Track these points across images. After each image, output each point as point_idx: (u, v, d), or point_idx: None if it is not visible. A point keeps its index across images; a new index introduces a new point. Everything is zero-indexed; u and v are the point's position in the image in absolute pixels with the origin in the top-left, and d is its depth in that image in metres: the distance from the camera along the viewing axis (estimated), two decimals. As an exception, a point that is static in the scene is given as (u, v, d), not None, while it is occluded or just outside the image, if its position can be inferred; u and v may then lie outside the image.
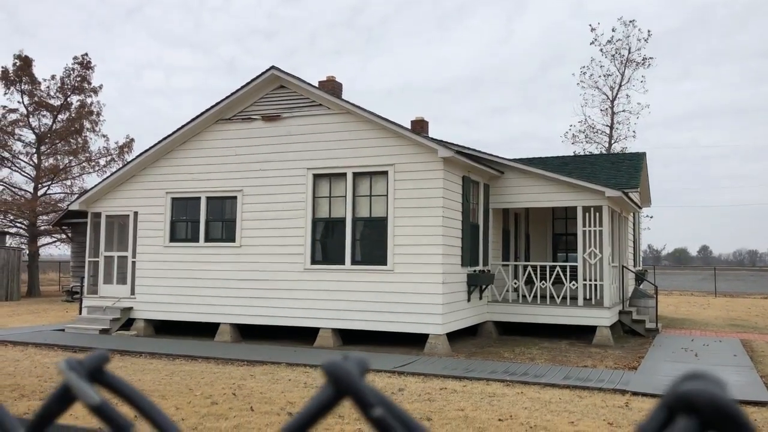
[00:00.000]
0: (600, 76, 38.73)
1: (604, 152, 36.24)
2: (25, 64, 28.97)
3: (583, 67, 38.37)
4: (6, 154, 29.26)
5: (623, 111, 37.92)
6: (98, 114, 30.73)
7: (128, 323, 15.46)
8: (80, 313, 16.19)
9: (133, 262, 15.62)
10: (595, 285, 14.87)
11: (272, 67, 14.18)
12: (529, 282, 16.52)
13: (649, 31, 37.06)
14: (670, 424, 0.34)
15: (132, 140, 31.57)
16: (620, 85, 37.69)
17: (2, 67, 28.87)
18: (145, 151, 15.35)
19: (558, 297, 15.01)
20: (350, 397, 0.36)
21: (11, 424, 0.40)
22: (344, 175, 13.51)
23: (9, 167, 29.59)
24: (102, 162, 30.94)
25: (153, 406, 0.38)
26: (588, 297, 15.16)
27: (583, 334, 14.91)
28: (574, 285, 14.85)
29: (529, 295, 15.53)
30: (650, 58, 37.20)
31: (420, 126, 18.55)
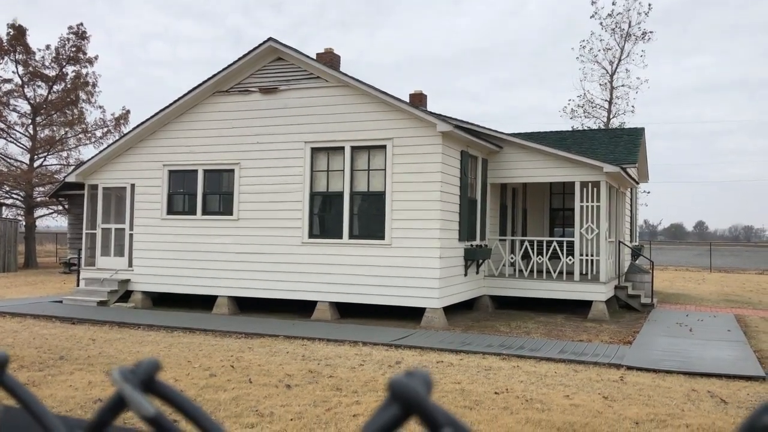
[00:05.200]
0: (600, 50, 38.57)
1: (603, 127, 36.16)
2: (19, 33, 28.63)
3: (583, 40, 38.16)
4: (1, 125, 29.06)
5: (622, 86, 37.77)
6: (94, 85, 30.48)
7: (126, 295, 15.50)
8: (78, 285, 16.22)
9: (131, 235, 15.62)
10: (592, 260, 14.93)
11: (270, 39, 14.04)
12: (526, 257, 16.58)
13: (650, 5, 36.74)
14: None
15: (128, 112, 31.37)
16: (620, 60, 37.49)
17: (-4, 37, 28.55)
18: (142, 123, 15.26)
19: (554, 272, 15.08)
20: (418, 416, 0.35)
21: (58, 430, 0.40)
22: (342, 148, 13.46)
23: (4, 138, 29.42)
24: (98, 133, 30.79)
25: (205, 416, 0.38)
26: (584, 272, 15.23)
27: (579, 308, 15.02)
28: (570, 260, 14.92)
29: (526, 270, 15.60)
30: (650, 32, 36.96)
31: (419, 99, 18.44)
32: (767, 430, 0.32)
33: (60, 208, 29.86)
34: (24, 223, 30.09)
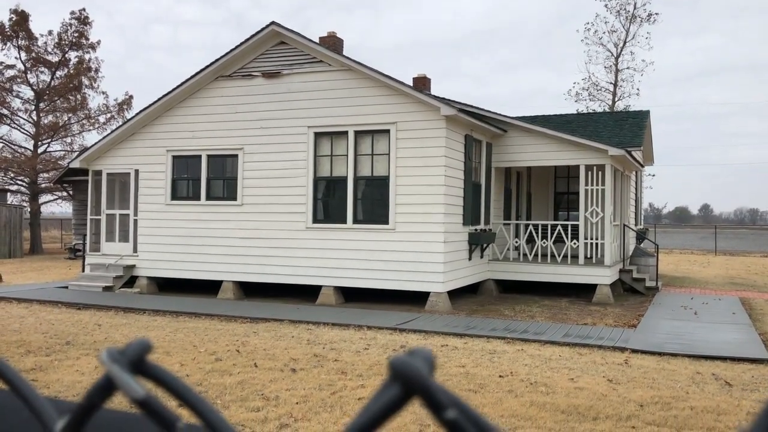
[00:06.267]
0: (605, 33, 38.26)
1: (608, 110, 35.98)
2: (21, 18, 28.54)
3: (588, 23, 37.89)
4: (5, 111, 29.05)
5: (627, 68, 37.54)
6: (96, 70, 30.42)
7: (131, 281, 15.56)
8: (83, 271, 16.29)
9: (135, 220, 15.65)
10: (596, 243, 14.91)
11: (272, 23, 13.96)
12: (530, 241, 16.57)
13: (655, -14, 36.38)
14: None
15: (131, 97, 31.32)
16: (625, 42, 37.21)
17: (-2, 23, 28.47)
18: (145, 108, 15.23)
19: (559, 255, 15.06)
20: (420, 397, 0.34)
21: (49, 415, 0.39)
22: (346, 133, 13.42)
23: (8, 124, 29.43)
24: (102, 119, 30.77)
25: (199, 398, 0.37)
26: (589, 255, 15.21)
27: (584, 292, 15.02)
28: (575, 244, 14.90)
29: (530, 254, 15.59)
30: (655, 13, 36.74)
31: (422, 83, 18.36)
32: None
33: (64, 194, 29.92)
34: (29, 210, 30.18)
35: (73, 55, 29.85)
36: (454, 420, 0.33)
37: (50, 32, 29.23)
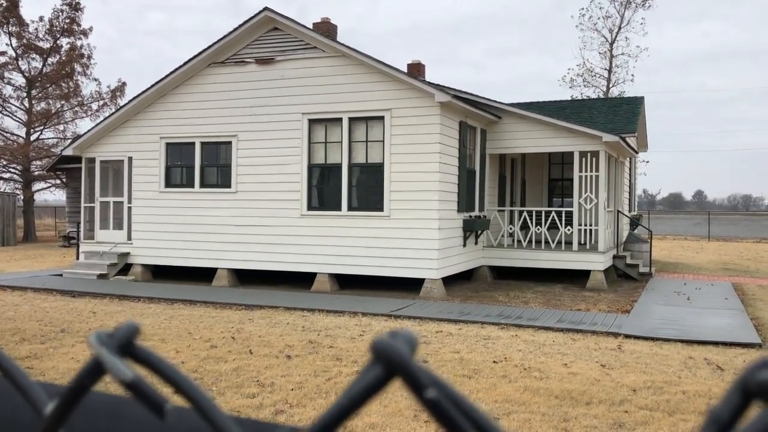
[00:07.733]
0: (599, 18, 38.19)
1: (602, 96, 35.97)
2: (11, 4, 28.26)
3: (583, 8, 37.80)
4: (-4, 99, 28.85)
5: (622, 54, 37.51)
6: (89, 57, 30.20)
7: (126, 268, 15.54)
8: (77, 259, 16.25)
9: (129, 208, 15.61)
10: (590, 230, 14.96)
11: (265, 9, 13.87)
12: (525, 227, 16.60)
13: (651, -29, 36.24)
14: (746, 410, 0.32)
15: (124, 84, 31.12)
16: (619, 28, 37.15)
17: (-12, 9, 28.19)
18: (139, 95, 15.14)
19: (553, 242, 15.11)
20: (401, 377, 0.34)
21: (40, 398, 0.39)
22: (340, 120, 13.38)
23: (0, 112, 29.23)
24: (95, 106, 30.59)
25: (189, 382, 0.37)
26: (583, 242, 15.26)
27: (577, 278, 15.08)
28: (569, 230, 14.94)
29: (525, 240, 15.63)
30: (651, -1, 36.53)
31: (417, 70, 18.29)
32: (762, 386, 0.31)
33: (58, 181, 29.79)
34: (22, 197, 30.05)
35: (64, 42, 29.63)
36: (434, 399, 0.33)
37: (41, 18, 28.97)
